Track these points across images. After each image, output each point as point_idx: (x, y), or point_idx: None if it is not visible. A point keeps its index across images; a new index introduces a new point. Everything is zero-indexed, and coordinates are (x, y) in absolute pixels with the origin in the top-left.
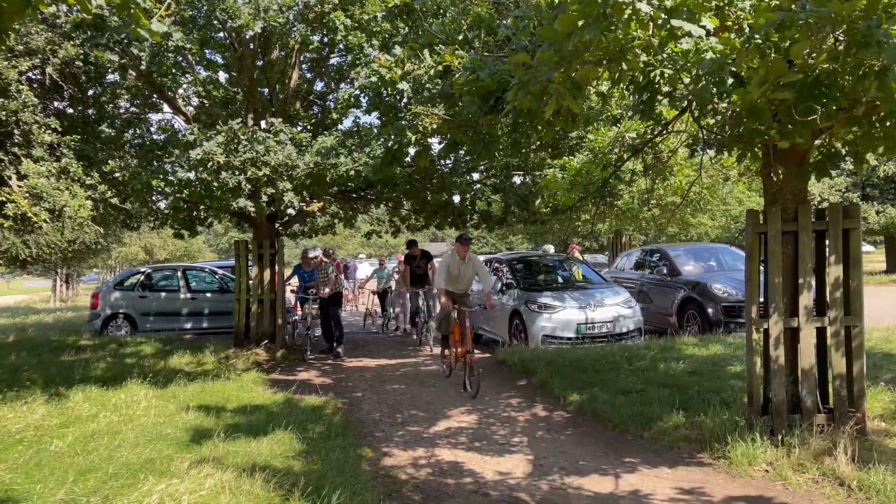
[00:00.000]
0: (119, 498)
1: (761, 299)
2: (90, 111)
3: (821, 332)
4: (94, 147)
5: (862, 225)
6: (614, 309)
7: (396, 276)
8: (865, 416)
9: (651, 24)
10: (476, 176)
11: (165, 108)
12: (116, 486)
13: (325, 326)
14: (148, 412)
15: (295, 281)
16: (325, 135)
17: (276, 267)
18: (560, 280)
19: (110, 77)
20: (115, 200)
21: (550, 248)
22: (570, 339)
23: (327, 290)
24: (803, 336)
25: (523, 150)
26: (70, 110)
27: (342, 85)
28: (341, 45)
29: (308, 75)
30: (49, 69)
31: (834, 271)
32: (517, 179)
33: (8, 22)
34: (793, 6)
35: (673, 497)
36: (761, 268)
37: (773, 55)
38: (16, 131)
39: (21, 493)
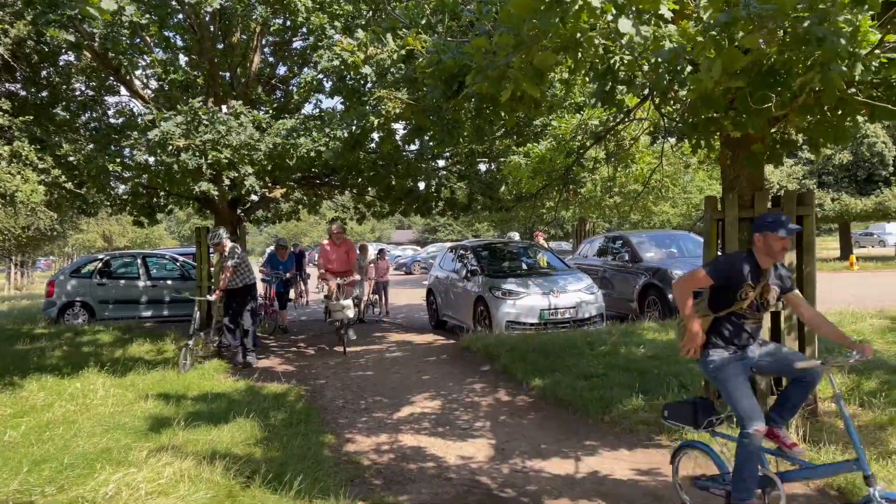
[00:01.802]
0: (75, 487)
1: None
2: (43, 93)
3: (775, 317)
4: (47, 130)
5: (817, 212)
6: (577, 295)
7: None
8: (816, 397)
9: (603, 15)
10: (441, 163)
11: (123, 91)
12: (72, 475)
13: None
14: (105, 401)
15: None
16: (287, 118)
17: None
18: (524, 267)
19: (64, 58)
20: (69, 185)
21: (515, 236)
22: (533, 324)
23: (216, 294)
24: None
25: (487, 137)
26: (23, 92)
27: (305, 69)
28: (304, 29)
29: (270, 59)
30: (0, 49)
31: (788, 257)
32: (482, 167)
33: None
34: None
35: (630, 477)
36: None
37: (727, 46)
38: None
39: None
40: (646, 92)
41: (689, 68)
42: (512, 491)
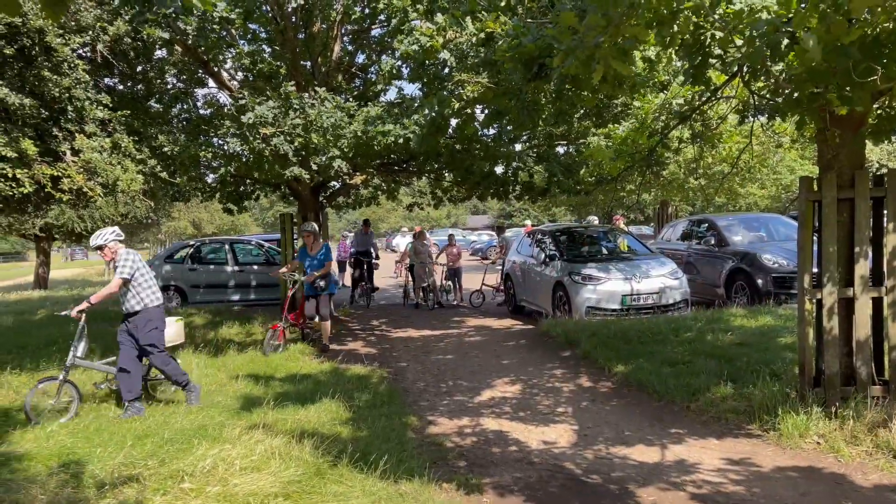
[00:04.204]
0: (175, 461)
1: (814, 269)
2: (139, 87)
3: (877, 303)
4: (143, 122)
5: None
6: (660, 280)
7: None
8: None
9: None
10: (519, 146)
11: (210, 83)
12: (172, 450)
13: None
14: (200, 381)
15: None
16: (369, 106)
17: (321, 239)
18: (604, 251)
19: (158, 53)
20: (163, 174)
21: (594, 220)
22: (614, 310)
23: (76, 309)
24: (859, 306)
25: (567, 119)
26: (120, 86)
27: (384, 56)
28: (382, 16)
29: (350, 48)
30: (100, 46)
31: (892, 239)
32: (560, 149)
33: None
34: None
35: (720, 467)
36: (815, 237)
37: (832, 14)
38: (69, 108)
39: (83, 457)
40: (735, 69)
41: (785, 41)
42: (597, 477)
